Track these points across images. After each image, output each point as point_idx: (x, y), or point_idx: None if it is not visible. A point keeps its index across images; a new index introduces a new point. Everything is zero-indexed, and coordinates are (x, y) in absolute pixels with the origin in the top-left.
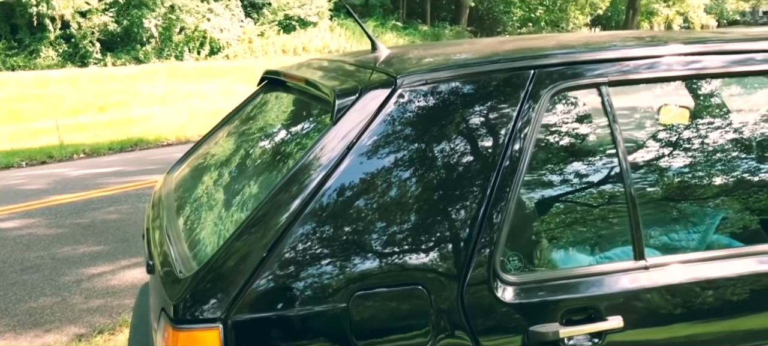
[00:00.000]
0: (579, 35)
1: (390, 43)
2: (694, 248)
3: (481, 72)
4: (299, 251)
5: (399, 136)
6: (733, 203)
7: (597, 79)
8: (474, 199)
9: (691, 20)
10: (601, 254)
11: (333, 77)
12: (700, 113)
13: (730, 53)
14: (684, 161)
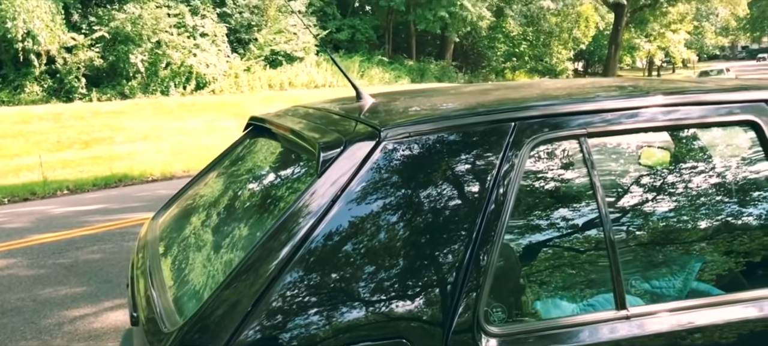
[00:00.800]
0: (561, 83)
1: (376, 78)
2: (674, 296)
3: (463, 124)
4: (287, 301)
5: (383, 189)
6: (712, 250)
7: (576, 131)
8: (457, 251)
9: (672, 55)
10: (584, 302)
11: (317, 127)
12: (678, 162)
13: (707, 104)
14: (663, 209)
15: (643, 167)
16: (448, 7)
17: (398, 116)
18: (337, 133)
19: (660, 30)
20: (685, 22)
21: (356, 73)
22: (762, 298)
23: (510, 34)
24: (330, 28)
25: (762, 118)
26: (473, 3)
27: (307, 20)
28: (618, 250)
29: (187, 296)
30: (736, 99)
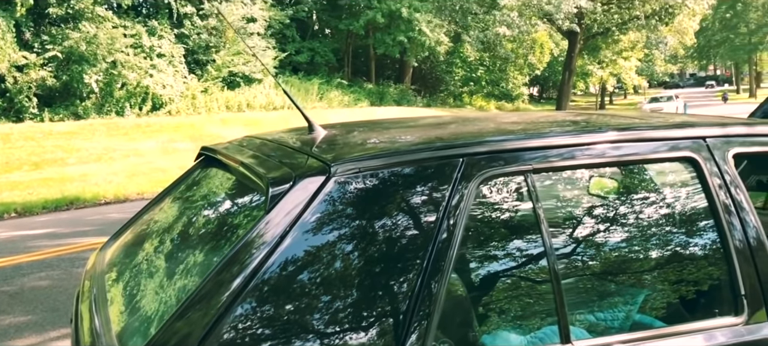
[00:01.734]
0: (513, 118)
1: (336, 101)
2: (618, 328)
3: (412, 160)
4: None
5: (333, 225)
6: (654, 283)
7: (522, 167)
8: (406, 286)
9: (624, 81)
10: (531, 335)
11: (267, 161)
12: (620, 197)
13: (648, 141)
14: (607, 243)
15: (587, 202)
16: (406, 32)
17: (349, 151)
18: (287, 167)
19: (612, 57)
20: (636, 49)
21: (315, 96)
22: (702, 330)
23: (467, 59)
24: (289, 50)
25: (700, 155)
26: (431, 28)
27: (266, 43)
28: (562, 283)
29: (133, 331)
30: (675, 136)
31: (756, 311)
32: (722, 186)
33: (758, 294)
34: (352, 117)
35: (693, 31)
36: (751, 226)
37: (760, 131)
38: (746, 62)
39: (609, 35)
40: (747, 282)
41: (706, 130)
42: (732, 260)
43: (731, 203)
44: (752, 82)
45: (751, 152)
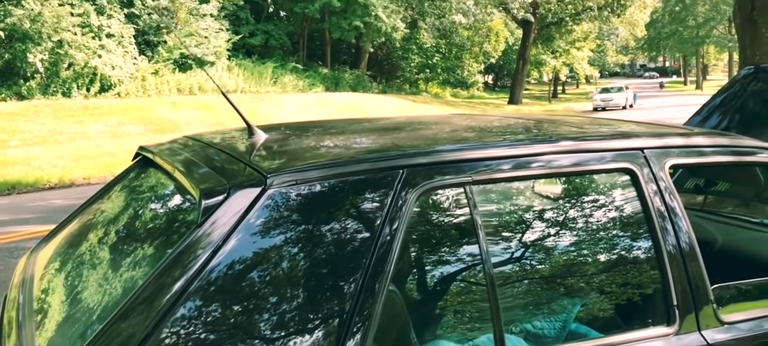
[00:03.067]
0: (455, 124)
1: (290, 85)
2: (554, 338)
3: (351, 172)
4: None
5: (266, 239)
6: (590, 292)
7: (462, 178)
8: (343, 300)
9: (576, 71)
10: (467, 345)
11: (202, 169)
12: (560, 208)
13: (587, 152)
14: (544, 253)
15: (526, 213)
16: (362, 17)
17: (287, 160)
18: (222, 177)
19: (565, 47)
20: (588, 40)
21: (269, 80)
22: (635, 340)
23: (423, 46)
24: (243, 32)
25: (638, 167)
26: (388, 14)
27: (220, 24)
28: (499, 293)
29: (64, 339)
30: (615, 147)
31: (687, 321)
32: (658, 197)
33: (689, 304)
34: (307, 102)
35: (644, 23)
36: (685, 238)
37: (696, 142)
38: (694, 55)
39: (563, 25)
40: (679, 292)
41: (645, 142)
42: (665, 270)
43: (666, 214)
44: (699, 75)
45: (686, 163)
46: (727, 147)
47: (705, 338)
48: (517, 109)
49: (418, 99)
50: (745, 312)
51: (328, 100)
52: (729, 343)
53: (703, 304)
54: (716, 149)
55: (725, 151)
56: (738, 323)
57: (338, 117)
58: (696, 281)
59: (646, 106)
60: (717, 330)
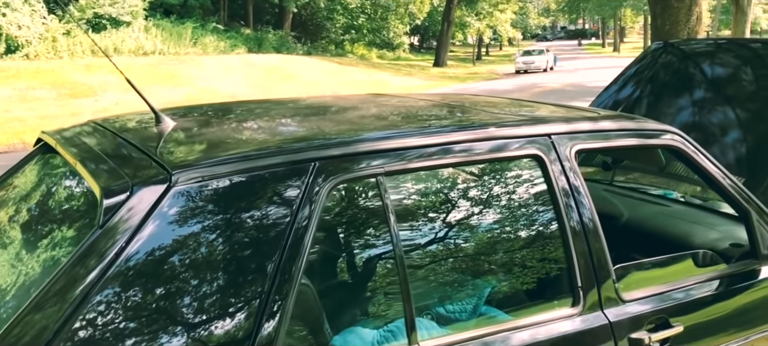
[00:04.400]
0: (370, 107)
1: (211, 46)
2: (465, 321)
3: (261, 166)
4: None
5: (173, 239)
6: (500, 276)
7: (374, 170)
8: (254, 297)
9: (499, 33)
10: (381, 332)
11: (105, 164)
12: (471, 195)
13: (496, 139)
14: (456, 240)
15: (437, 202)
16: None
17: (194, 154)
18: (125, 173)
19: (489, 9)
20: (511, 2)
21: (189, 41)
22: (543, 321)
23: (348, 6)
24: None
25: (545, 152)
26: None
27: None
28: (410, 281)
29: None
30: (523, 134)
31: (591, 301)
32: (564, 183)
33: (593, 285)
34: (229, 65)
35: None
36: (589, 222)
37: (603, 126)
38: (612, 17)
39: None
40: (583, 274)
41: (552, 127)
42: (570, 253)
43: (572, 199)
44: (616, 37)
45: (592, 147)
46: (632, 130)
47: (607, 316)
48: (442, 72)
49: (344, 61)
50: (644, 289)
51: (252, 62)
52: (629, 320)
53: (605, 284)
54: (621, 133)
55: (630, 135)
56: (638, 301)
57: (262, 79)
58: (599, 263)
59: (566, 68)
60: (618, 308)
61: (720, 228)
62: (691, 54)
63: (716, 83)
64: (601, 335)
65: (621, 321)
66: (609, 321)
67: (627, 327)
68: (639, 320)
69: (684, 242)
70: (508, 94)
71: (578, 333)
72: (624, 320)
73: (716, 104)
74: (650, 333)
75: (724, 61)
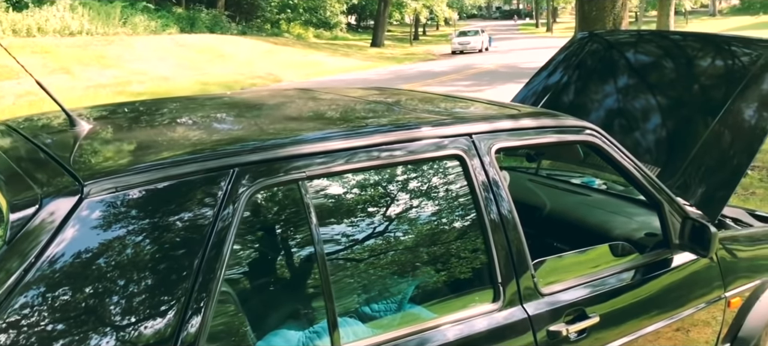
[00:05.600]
0: (290, 106)
1: (141, 26)
2: (390, 319)
3: (179, 173)
4: None
5: (86, 254)
6: (424, 275)
7: (295, 175)
8: (173, 310)
9: (436, 13)
10: (305, 334)
11: (13, 173)
12: (394, 196)
13: (419, 140)
14: (380, 242)
15: (361, 204)
16: None
17: (109, 162)
18: (34, 183)
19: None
20: None
21: (118, 21)
22: (465, 318)
23: None
24: None
25: (466, 152)
26: None
27: None
28: (333, 283)
29: None
30: (445, 134)
31: (511, 296)
32: (485, 182)
33: (513, 281)
34: (160, 45)
35: None
36: (509, 220)
37: (523, 125)
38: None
39: None
40: (503, 271)
41: (474, 127)
42: (491, 251)
43: (492, 198)
44: (549, 17)
45: (513, 146)
46: (551, 127)
47: (526, 310)
48: (379, 52)
49: (280, 41)
50: (562, 282)
51: (184, 43)
52: (548, 312)
53: (525, 280)
54: (541, 130)
55: (549, 132)
56: (556, 293)
57: (195, 60)
58: (519, 259)
59: (500, 48)
60: (537, 302)
61: (637, 218)
62: (615, 44)
63: (637, 73)
64: (520, 328)
65: (540, 314)
66: (528, 315)
67: (546, 320)
68: (557, 312)
69: (603, 232)
70: (444, 76)
71: (499, 328)
72: (543, 313)
73: (637, 94)
74: (568, 325)
75: (646, 52)
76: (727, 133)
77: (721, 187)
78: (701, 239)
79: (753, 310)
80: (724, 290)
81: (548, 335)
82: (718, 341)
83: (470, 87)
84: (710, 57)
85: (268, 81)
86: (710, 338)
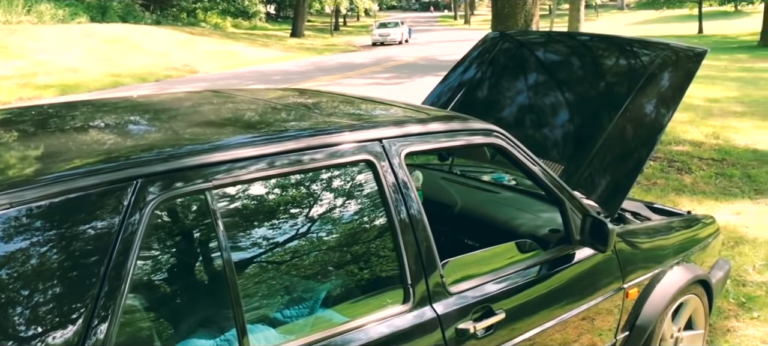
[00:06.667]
0: (199, 110)
1: (47, 15)
2: (302, 324)
3: (77, 187)
4: None
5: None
6: (336, 280)
7: (202, 185)
8: (73, 327)
9: (356, 3)
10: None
11: None
12: (305, 202)
13: (329, 146)
14: (291, 247)
15: (271, 211)
16: None
17: (3, 174)
18: None
19: None
20: None
21: (22, 8)
22: (377, 320)
23: None
24: None
25: (376, 157)
26: None
27: None
28: (242, 292)
29: None
30: (354, 139)
31: (420, 297)
32: (395, 185)
33: (422, 282)
34: (68, 35)
35: None
36: (418, 223)
37: (432, 129)
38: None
39: None
40: (413, 273)
41: (384, 132)
42: (401, 254)
43: (402, 202)
44: (467, 10)
45: (422, 149)
46: (459, 131)
47: (436, 309)
48: (299, 43)
49: (196, 31)
50: (470, 281)
51: (94, 33)
52: (456, 311)
53: (434, 280)
54: (449, 133)
55: (457, 135)
56: (464, 292)
57: (107, 52)
58: (428, 260)
59: (420, 40)
60: (446, 301)
61: (542, 215)
62: (525, 43)
63: (546, 72)
64: (429, 328)
65: (448, 313)
66: (437, 314)
67: (454, 318)
68: (465, 310)
69: (511, 230)
70: (364, 68)
71: (409, 329)
72: (451, 312)
73: (545, 92)
74: (475, 322)
75: (555, 51)
76: (628, 129)
77: (621, 182)
78: (600, 235)
79: (649, 299)
80: (623, 282)
81: (457, 333)
82: (618, 329)
83: (390, 80)
84: (614, 57)
85: (184, 73)
86: (612, 326)
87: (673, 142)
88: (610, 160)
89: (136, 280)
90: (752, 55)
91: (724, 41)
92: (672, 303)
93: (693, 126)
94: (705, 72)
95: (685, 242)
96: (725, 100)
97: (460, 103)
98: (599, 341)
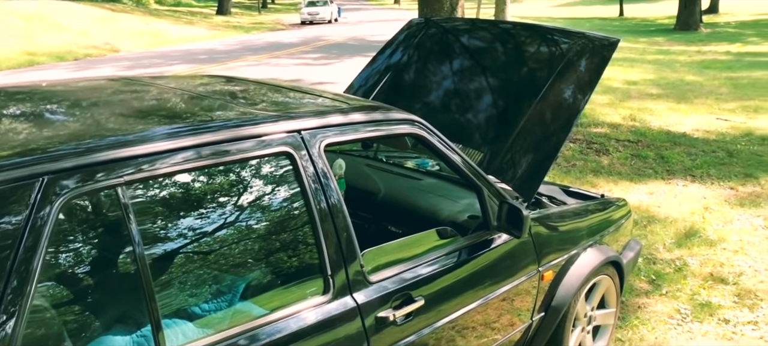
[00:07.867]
0: (110, 100)
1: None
2: (221, 317)
3: None
4: None
5: None
6: (255, 273)
7: (113, 181)
8: None
9: None
10: (132, 344)
11: None
12: (222, 196)
13: (247, 139)
14: (208, 241)
15: (187, 206)
16: None
17: None
18: None
19: None
20: None
21: None
22: (297, 312)
23: None
24: None
25: (295, 149)
26: None
27: None
28: (159, 288)
29: None
30: (273, 131)
31: (340, 287)
32: (314, 177)
33: (342, 272)
34: None
35: None
36: (338, 214)
37: (352, 119)
38: None
39: None
40: (333, 263)
41: (303, 123)
42: (321, 245)
43: (322, 193)
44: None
45: (341, 140)
46: (380, 121)
47: (355, 299)
48: (226, 20)
49: (118, 7)
50: (390, 269)
51: (9, 9)
52: (376, 300)
53: (354, 270)
54: (369, 124)
55: (377, 125)
56: (383, 281)
57: (23, 29)
58: (348, 250)
59: (350, 19)
60: (366, 290)
61: (461, 201)
62: (450, 30)
63: (469, 58)
64: (349, 317)
65: (368, 302)
66: (357, 303)
67: (374, 307)
68: (385, 298)
69: (431, 216)
70: (293, 48)
71: (329, 319)
72: (372, 301)
73: (469, 78)
74: (395, 310)
75: (479, 38)
76: (546, 114)
77: (537, 166)
78: (515, 221)
79: (564, 281)
80: (539, 265)
81: (376, 321)
82: (534, 310)
83: (319, 60)
84: (535, 45)
85: (105, 51)
86: (529, 307)
87: (592, 124)
88: (529, 145)
89: (45, 279)
90: (669, 38)
91: (643, 24)
92: (585, 284)
93: (612, 108)
94: (625, 54)
95: (598, 225)
96: (643, 82)
97: (387, 86)
98: (517, 321)
